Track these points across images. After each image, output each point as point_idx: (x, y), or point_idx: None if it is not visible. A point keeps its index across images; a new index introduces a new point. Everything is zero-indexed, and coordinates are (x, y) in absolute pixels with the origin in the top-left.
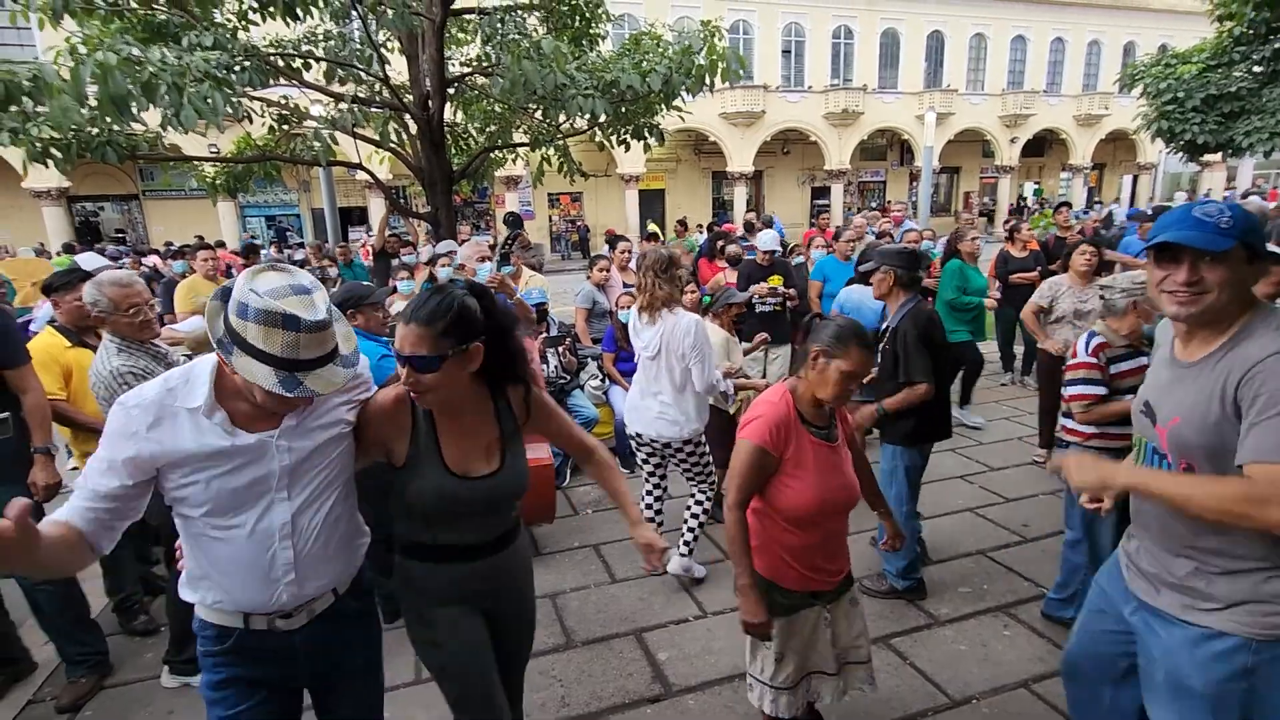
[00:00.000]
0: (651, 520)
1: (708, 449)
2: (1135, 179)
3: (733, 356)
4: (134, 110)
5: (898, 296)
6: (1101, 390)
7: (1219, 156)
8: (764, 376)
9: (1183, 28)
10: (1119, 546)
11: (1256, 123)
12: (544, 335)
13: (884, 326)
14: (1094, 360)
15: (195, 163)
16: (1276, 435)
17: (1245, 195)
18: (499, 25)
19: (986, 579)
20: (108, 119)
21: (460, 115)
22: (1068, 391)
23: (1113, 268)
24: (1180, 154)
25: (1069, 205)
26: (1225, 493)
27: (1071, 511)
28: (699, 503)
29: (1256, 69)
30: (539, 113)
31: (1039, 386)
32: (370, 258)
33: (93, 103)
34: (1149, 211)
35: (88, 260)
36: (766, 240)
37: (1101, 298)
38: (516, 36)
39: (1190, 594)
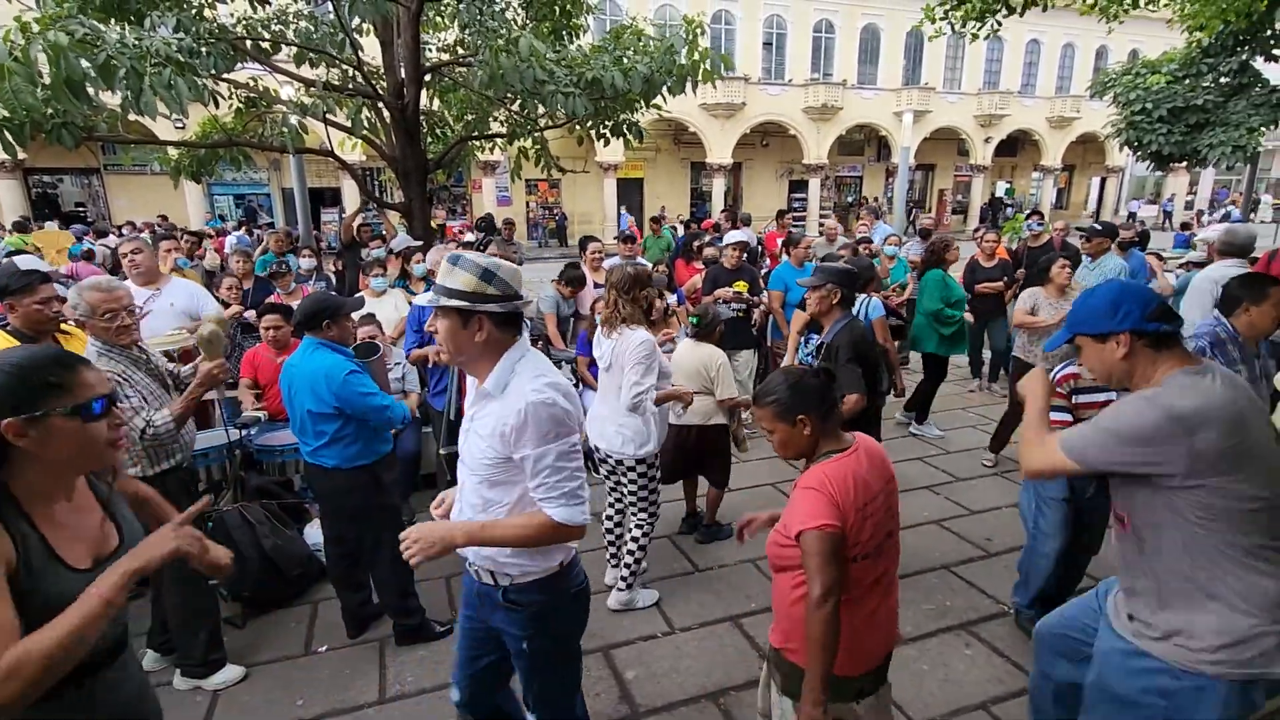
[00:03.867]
0: (611, 532)
1: (657, 475)
2: (1104, 181)
3: (726, 381)
4: (90, 94)
5: (834, 313)
6: (1066, 417)
7: (1183, 163)
8: None
9: (1153, 34)
10: None
11: (1220, 135)
12: None
13: (818, 341)
14: (1058, 389)
15: (157, 146)
16: (1077, 432)
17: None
18: (478, 12)
19: (950, 594)
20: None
21: (436, 103)
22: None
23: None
24: (1145, 162)
25: (1039, 214)
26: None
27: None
28: (643, 531)
29: (1223, 80)
30: (516, 104)
31: (1007, 394)
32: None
33: (46, 80)
34: (1098, 226)
35: (24, 260)
36: (735, 235)
37: None
38: (494, 24)
39: (1136, 621)
